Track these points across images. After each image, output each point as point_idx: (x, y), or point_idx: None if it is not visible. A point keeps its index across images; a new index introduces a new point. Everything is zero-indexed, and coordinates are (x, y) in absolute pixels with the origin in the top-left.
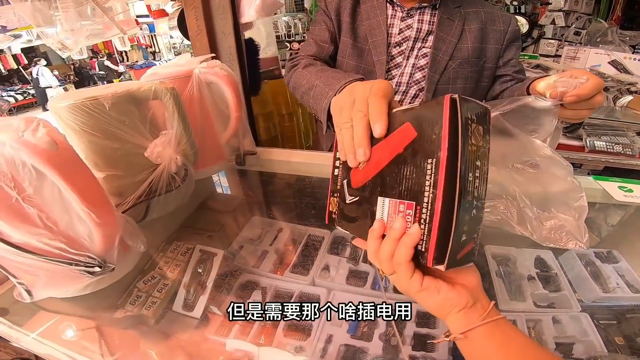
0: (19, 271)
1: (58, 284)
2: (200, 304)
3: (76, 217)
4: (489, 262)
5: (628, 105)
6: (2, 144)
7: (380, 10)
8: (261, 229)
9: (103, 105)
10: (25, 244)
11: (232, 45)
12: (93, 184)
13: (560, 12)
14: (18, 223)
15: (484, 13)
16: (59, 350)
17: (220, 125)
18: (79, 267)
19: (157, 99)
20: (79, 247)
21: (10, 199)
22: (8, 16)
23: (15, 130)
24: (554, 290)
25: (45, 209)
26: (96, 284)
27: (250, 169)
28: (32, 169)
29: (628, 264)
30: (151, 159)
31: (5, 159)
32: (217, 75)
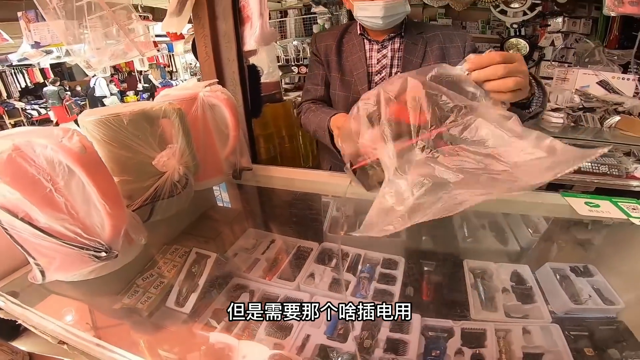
0: (38, 253)
1: (68, 267)
2: (190, 301)
3: (93, 207)
4: (466, 275)
5: (616, 126)
6: (45, 146)
7: (359, 46)
8: (255, 239)
9: (122, 121)
10: (48, 228)
11: (236, 71)
12: (110, 182)
13: (559, 33)
14: (48, 209)
15: (442, 35)
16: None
17: (220, 143)
18: (88, 251)
19: (166, 117)
20: (91, 234)
21: (45, 189)
22: (42, 33)
23: (55, 137)
24: (527, 302)
25: (71, 199)
26: (100, 270)
27: (247, 184)
28: (66, 167)
29: (604, 278)
30: (157, 167)
31: (45, 158)
32: (218, 99)
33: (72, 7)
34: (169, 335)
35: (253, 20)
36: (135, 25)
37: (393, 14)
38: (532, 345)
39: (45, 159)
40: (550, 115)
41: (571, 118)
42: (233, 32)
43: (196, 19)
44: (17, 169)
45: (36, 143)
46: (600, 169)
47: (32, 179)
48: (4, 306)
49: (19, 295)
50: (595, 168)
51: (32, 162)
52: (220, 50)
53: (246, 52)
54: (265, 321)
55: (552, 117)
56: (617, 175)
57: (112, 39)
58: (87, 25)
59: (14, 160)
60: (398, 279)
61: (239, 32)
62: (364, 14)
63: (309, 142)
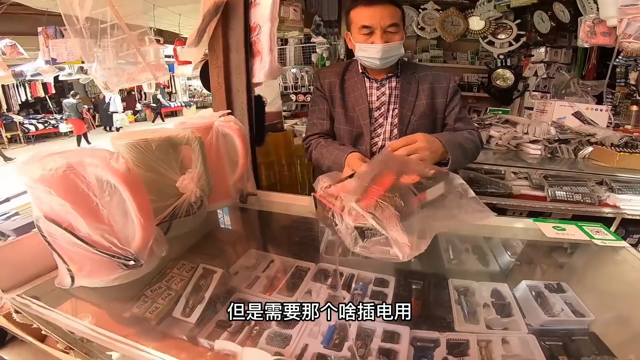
0: (71, 260)
1: (97, 274)
2: (196, 312)
3: (130, 221)
4: (450, 292)
5: (589, 157)
6: (95, 165)
7: (360, 84)
8: (256, 259)
9: (151, 146)
10: (87, 237)
11: (244, 101)
12: (146, 200)
13: (542, 63)
14: (92, 220)
15: (431, 75)
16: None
17: (229, 169)
18: (119, 260)
19: (187, 144)
20: (124, 244)
21: (92, 202)
22: (60, 50)
23: (104, 158)
24: (506, 316)
25: (112, 212)
26: (123, 278)
27: (251, 208)
28: (112, 185)
29: (575, 294)
30: (180, 188)
31: (95, 176)
32: (231, 129)
33: (97, 28)
34: (175, 343)
35: (263, 55)
36: (149, 48)
37: (389, 56)
38: (511, 354)
39: (95, 176)
40: (528, 147)
41: (548, 149)
42: (244, 65)
43: (211, 50)
44: (69, 184)
45: (87, 162)
46: (574, 198)
47: (82, 193)
48: (27, 308)
49: (41, 298)
50: (570, 197)
51: (82, 179)
52: (231, 81)
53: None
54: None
55: (530, 148)
56: (589, 203)
57: (122, 60)
58: (101, 45)
59: (67, 176)
60: (389, 295)
61: (249, 64)
62: (364, 55)
63: (306, 170)
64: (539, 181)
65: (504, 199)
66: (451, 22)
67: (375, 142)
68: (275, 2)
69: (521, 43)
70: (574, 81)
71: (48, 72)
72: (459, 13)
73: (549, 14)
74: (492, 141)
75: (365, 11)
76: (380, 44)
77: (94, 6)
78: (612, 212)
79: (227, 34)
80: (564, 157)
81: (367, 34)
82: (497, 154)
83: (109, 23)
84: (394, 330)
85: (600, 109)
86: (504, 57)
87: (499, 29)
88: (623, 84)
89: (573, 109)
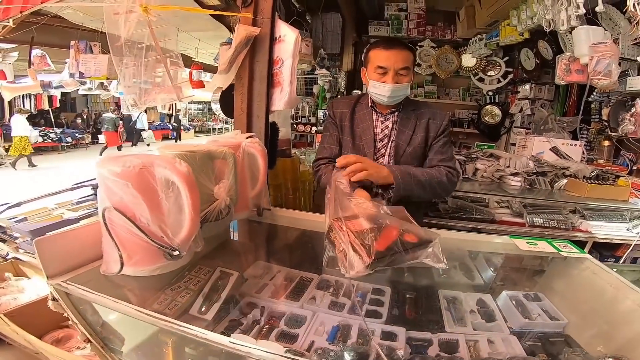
0: (124, 248)
1: (143, 263)
2: (212, 310)
3: (182, 215)
4: (440, 300)
5: (564, 188)
6: (164, 167)
7: (368, 116)
8: (265, 268)
9: (195, 157)
10: (145, 228)
11: (262, 127)
12: (198, 199)
13: (527, 100)
14: (155, 212)
15: (430, 113)
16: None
17: (249, 185)
18: (167, 250)
19: (224, 159)
20: (174, 235)
21: (159, 197)
22: (88, 65)
23: (171, 161)
24: (490, 321)
25: (172, 206)
26: (163, 268)
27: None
28: (175, 183)
29: (550, 301)
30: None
31: (163, 175)
32: (255, 149)
33: (135, 48)
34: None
35: (284, 86)
36: (176, 70)
37: (397, 95)
38: (496, 352)
39: (163, 175)
40: (510, 179)
41: (527, 181)
42: (265, 94)
43: (238, 78)
44: (143, 179)
45: (157, 163)
46: (550, 224)
47: (152, 188)
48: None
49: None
50: (546, 223)
51: (153, 177)
52: (253, 107)
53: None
54: (275, 322)
55: (511, 180)
56: (564, 228)
57: (151, 80)
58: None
59: (143, 173)
60: (385, 303)
61: (269, 94)
62: (376, 91)
63: (307, 195)
64: (518, 209)
65: (487, 224)
66: (445, 59)
67: None
68: (298, 40)
69: (508, 80)
70: (552, 117)
71: (70, 85)
72: (452, 50)
73: (534, 52)
74: (477, 173)
75: (383, 53)
76: (391, 84)
77: (136, 26)
78: (584, 236)
79: (253, 64)
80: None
81: (381, 73)
82: (482, 185)
83: (146, 44)
84: (392, 331)
85: (575, 144)
86: (493, 94)
87: (488, 66)
88: (597, 119)
89: (550, 144)
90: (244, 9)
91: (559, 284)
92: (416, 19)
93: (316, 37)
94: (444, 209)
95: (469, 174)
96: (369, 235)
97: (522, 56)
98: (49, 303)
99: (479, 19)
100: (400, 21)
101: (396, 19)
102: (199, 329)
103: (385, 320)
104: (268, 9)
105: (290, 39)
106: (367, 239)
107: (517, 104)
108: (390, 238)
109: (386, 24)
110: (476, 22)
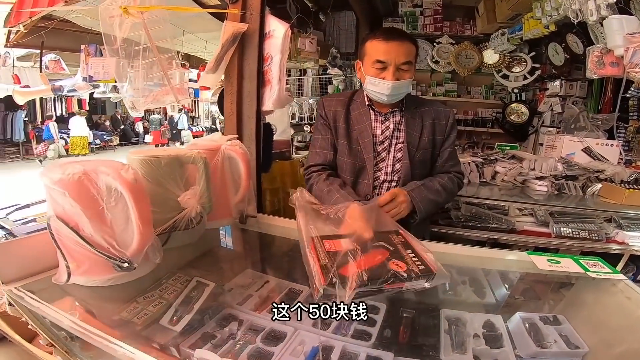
0: (71, 257)
1: (92, 273)
2: (183, 322)
3: (130, 225)
4: (441, 322)
5: (598, 193)
6: (107, 174)
7: (365, 116)
8: (251, 278)
9: (161, 162)
10: (89, 237)
11: (253, 128)
12: (147, 209)
13: (557, 97)
14: (97, 222)
15: (433, 111)
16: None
17: (232, 190)
18: (115, 261)
19: (193, 163)
20: (121, 246)
21: (100, 206)
22: (97, 68)
23: (116, 168)
24: (496, 347)
25: (115, 216)
26: (117, 279)
27: (250, 229)
28: (119, 192)
29: (571, 326)
30: (181, 203)
31: (105, 183)
32: (236, 152)
33: (132, 49)
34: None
35: (273, 84)
36: (174, 72)
37: (397, 92)
38: None
39: (105, 183)
40: (535, 183)
41: (555, 186)
42: (255, 93)
43: (227, 78)
44: (82, 188)
45: (100, 170)
46: (581, 234)
47: (92, 197)
48: (20, 300)
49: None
50: (576, 234)
51: (94, 185)
52: (243, 108)
53: (264, 111)
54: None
55: (536, 184)
56: (596, 240)
57: (149, 82)
58: (134, 65)
59: (82, 181)
60: (378, 322)
61: (260, 93)
62: (373, 89)
63: None
64: (544, 217)
65: (506, 234)
66: (465, 55)
67: (377, 177)
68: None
69: (536, 76)
70: (584, 115)
71: (83, 88)
72: (473, 47)
73: (562, 46)
74: (497, 177)
75: (382, 46)
76: (391, 81)
77: (131, 29)
78: (620, 249)
79: (242, 62)
80: (571, 194)
81: (380, 68)
82: (503, 190)
83: (142, 45)
84: (378, 356)
85: (611, 144)
86: (519, 91)
87: (513, 62)
88: (635, 117)
89: (582, 145)
90: (232, 5)
91: (585, 306)
92: (432, 15)
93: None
94: (455, 216)
95: (487, 178)
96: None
97: (550, 51)
98: (7, 308)
99: (500, 13)
100: (415, 17)
101: (411, 15)
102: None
103: (373, 342)
104: (257, 4)
105: (279, 33)
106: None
107: (546, 102)
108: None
109: (401, 21)
110: (497, 16)
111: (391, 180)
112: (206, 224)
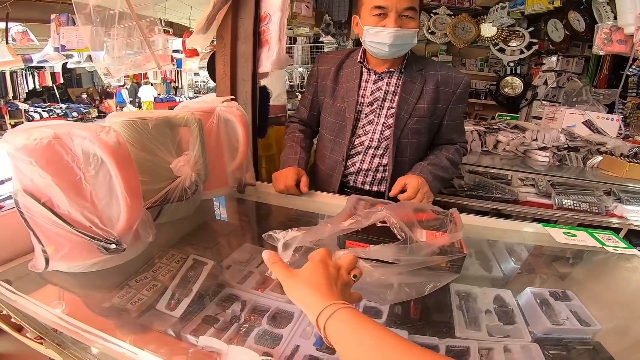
0: (48, 240)
1: (74, 257)
2: (182, 306)
3: (115, 199)
4: (452, 297)
5: (598, 166)
6: (83, 137)
7: (355, 74)
8: (250, 253)
9: (148, 125)
10: (67, 215)
11: (249, 91)
12: (134, 178)
13: (553, 72)
14: (74, 195)
15: (440, 75)
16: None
17: (229, 157)
18: (99, 242)
19: (186, 126)
20: (106, 225)
21: (76, 176)
22: (70, 37)
23: (94, 130)
24: (508, 323)
25: (96, 188)
26: (103, 263)
27: (248, 199)
28: (99, 159)
29: (581, 302)
30: (174, 171)
31: (82, 148)
32: (234, 114)
33: (105, 14)
34: (156, 337)
35: (272, 44)
36: (156, 38)
37: (401, 43)
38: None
39: (82, 148)
40: (536, 153)
41: (556, 157)
42: (251, 54)
43: (219, 38)
44: (53, 155)
45: (75, 134)
46: (581, 207)
47: (65, 165)
48: None
49: (13, 283)
50: (577, 206)
51: (68, 151)
52: (237, 70)
53: (260, 73)
54: (257, 320)
55: (538, 155)
56: (596, 212)
57: (132, 49)
58: (111, 33)
59: (52, 146)
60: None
61: (256, 54)
62: (373, 39)
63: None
64: (545, 188)
65: (509, 205)
66: (462, 27)
67: (362, 141)
68: None
69: (533, 51)
70: (587, 89)
71: (55, 59)
72: (471, 19)
73: (563, 23)
74: (499, 146)
75: None
76: (393, 28)
77: None
78: (619, 223)
79: (237, 22)
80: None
81: (379, 15)
82: (504, 159)
83: (118, 10)
84: None
85: (612, 119)
86: (514, 65)
87: (510, 36)
88: (634, 94)
89: (583, 117)
90: None
91: (596, 282)
92: None
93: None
94: (459, 185)
95: (489, 147)
96: None
97: (549, 27)
98: None
99: None
100: None
101: None
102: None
103: (384, 320)
104: None
105: None
106: None
107: (542, 76)
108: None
109: None
110: None
111: (377, 147)
112: (202, 194)
